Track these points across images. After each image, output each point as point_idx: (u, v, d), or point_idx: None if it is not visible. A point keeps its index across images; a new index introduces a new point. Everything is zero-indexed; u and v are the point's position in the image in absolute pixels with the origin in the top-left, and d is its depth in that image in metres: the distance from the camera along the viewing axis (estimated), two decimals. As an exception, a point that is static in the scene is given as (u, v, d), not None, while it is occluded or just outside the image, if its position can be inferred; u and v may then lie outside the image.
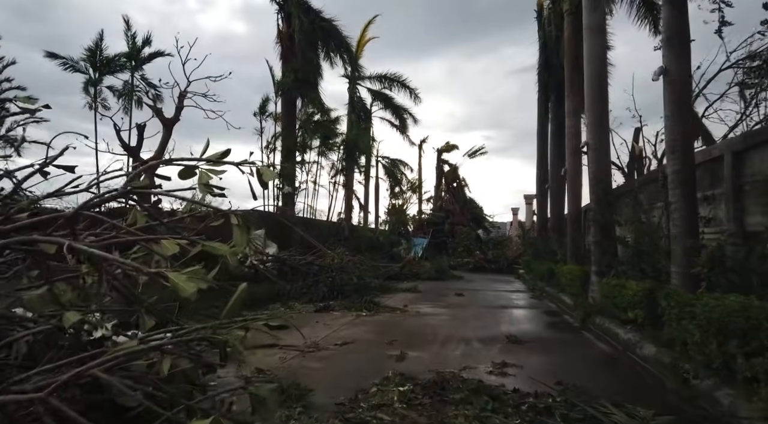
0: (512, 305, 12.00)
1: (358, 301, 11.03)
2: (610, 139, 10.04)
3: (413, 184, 36.56)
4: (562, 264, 13.32)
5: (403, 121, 26.46)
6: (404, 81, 24.07)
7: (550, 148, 17.12)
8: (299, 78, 16.24)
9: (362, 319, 9.30)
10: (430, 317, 9.73)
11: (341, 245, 19.48)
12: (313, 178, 19.18)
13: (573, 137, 13.16)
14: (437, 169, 45.93)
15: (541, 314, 10.52)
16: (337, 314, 9.84)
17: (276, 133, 17.48)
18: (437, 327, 8.44)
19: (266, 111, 17.29)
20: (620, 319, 7.55)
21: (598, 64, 9.53)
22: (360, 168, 23.29)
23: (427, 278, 18.96)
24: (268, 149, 17.29)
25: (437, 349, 6.75)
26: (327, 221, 21.47)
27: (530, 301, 12.89)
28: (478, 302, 12.23)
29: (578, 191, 13.26)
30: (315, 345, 6.80)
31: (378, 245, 23.44)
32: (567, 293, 11.53)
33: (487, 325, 8.80)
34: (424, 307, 11.11)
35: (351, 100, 23.91)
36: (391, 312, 10.18)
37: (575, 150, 13.18)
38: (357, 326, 8.45)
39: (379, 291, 13.96)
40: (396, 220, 31.76)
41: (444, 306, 11.37)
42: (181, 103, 11.19)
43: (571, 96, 13.22)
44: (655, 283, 6.62)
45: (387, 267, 18.66)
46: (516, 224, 42.43)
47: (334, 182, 20.58)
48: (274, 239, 17.31)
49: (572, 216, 13.20)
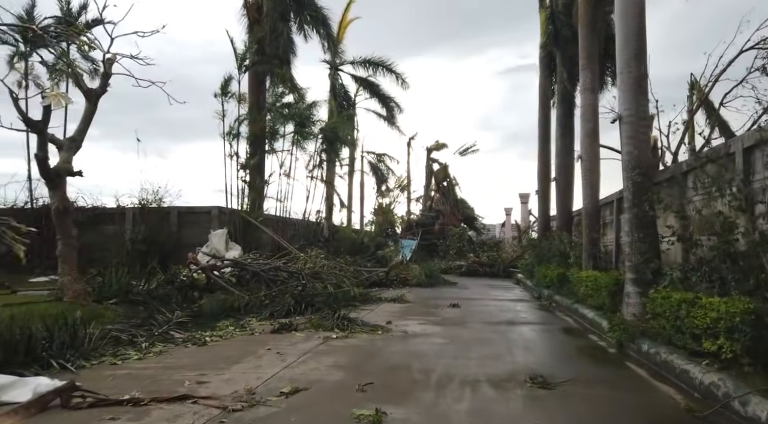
0: (520, 319, 9.81)
1: (330, 317, 8.78)
2: (648, 109, 7.88)
3: (401, 183, 34.37)
4: (576, 269, 11.18)
5: (391, 111, 24.20)
6: (390, 65, 21.85)
7: (556, 136, 15.03)
8: (268, 53, 13.97)
9: (331, 344, 7.06)
10: (420, 339, 7.51)
11: (320, 247, 17.28)
12: (286, 171, 16.92)
13: (590, 117, 11.05)
14: (426, 168, 43.85)
15: (559, 334, 8.34)
16: (299, 337, 7.60)
17: (239, 116, 15.16)
18: (430, 358, 6.22)
19: (228, 92, 15.00)
20: (687, 349, 5.39)
21: (634, 11, 7.40)
22: (341, 162, 21.04)
23: (417, 285, 16.75)
24: (230, 136, 14.98)
25: (431, 400, 4.53)
26: (304, 220, 19.19)
27: (539, 314, 10.72)
28: (478, 316, 10.05)
29: (596, 182, 11.16)
30: (249, 395, 4.54)
31: (362, 248, 21.23)
32: (587, 305, 9.38)
33: (496, 353, 6.59)
34: (413, 324, 8.90)
35: (332, 87, 21.68)
36: (371, 332, 7.95)
37: (591, 132, 11.07)
38: (321, 357, 6.21)
39: (360, 301, 11.74)
40: (383, 220, 29.52)
41: (437, 323, 9.15)
42: (107, 70, 8.84)
43: (587, 68, 11.09)
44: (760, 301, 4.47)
45: (371, 272, 16.44)
46: (510, 225, 40.43)
47: (312, 176, 18.35)
48: (240, 241, 15.02)
49: (589, 211, 11.07)
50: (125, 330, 7.31)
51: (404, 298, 12.40)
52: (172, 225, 14.80)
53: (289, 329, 8.06)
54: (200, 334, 7.65)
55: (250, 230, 14.77)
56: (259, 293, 10.57)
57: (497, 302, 12.87)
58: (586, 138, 11.00)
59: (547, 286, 13.86)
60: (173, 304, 9.59)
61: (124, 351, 6.41)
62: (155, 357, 6.20)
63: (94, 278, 9.78)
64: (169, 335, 7.48)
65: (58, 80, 13.25)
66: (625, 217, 7.55)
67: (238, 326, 8.44)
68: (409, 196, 41.22)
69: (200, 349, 6.74)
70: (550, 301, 12.34)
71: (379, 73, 22.05)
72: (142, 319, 8.20)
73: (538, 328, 8.96)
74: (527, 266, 19.42)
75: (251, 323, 8.86)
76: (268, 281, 11.64)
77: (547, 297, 12.86)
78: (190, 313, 9.21)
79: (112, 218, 14.64)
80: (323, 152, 18.19)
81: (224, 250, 13.97)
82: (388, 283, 16.30)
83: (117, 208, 14.65)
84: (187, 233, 14.72)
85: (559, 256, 13.16)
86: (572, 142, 14.93)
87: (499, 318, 9.88)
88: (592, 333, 8.10)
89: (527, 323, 9.38)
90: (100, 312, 8.20)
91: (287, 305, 9.89)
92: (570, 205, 14.58)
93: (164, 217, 14.68)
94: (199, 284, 11.03)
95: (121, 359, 6.00)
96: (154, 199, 14.48)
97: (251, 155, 15.03)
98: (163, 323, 8.03)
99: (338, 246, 19.28)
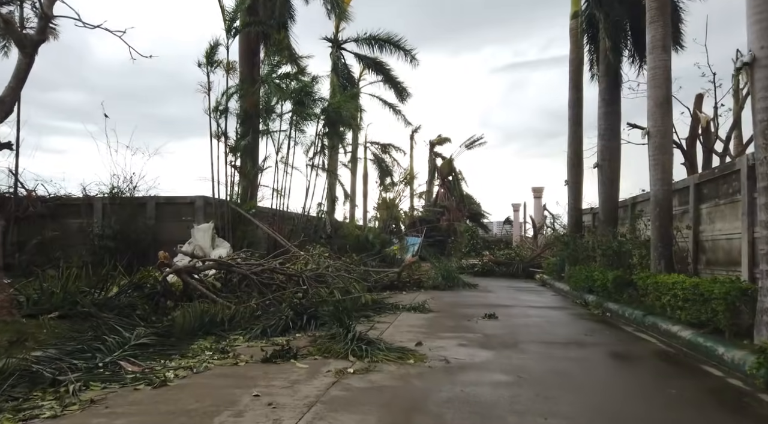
0: (583, 339, 7.62)
1: (341, 335, 6.59)
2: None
3: (405, 177, 32.18)
4: (644, 272, 9.00)
5: (399, 93, 21.85)
6: (399, 42, 19.52)
7: (599, 114, 12.85)
8: (261, 15, 11.73)
9: (348, 385, 4.87)
10: (473, 375, 5.33)
11: (322, 245, 15.12)
12: (284, 158, 14.68)
13: (660, 82, 8.89)
14: (430, 163, 41.75)
15: (659, 364, 6.16)
16: (301, 369, 5.42)
17: (228, 88, 12.89)
18: (505, 418, 4.03)
19: (215, 61, 12.71)
20: None
21: None
22: (345, 147, 18.81)
23: (433, 287, 14.58)
24: (216, 112, 12.72)
25: None
26: (304, 214, 16.98)
27: (601, 329, 8.53)
28: (527, 333, 7.89)
29: (668, 163, 8.98)
30: None
31: (367, 245, 19.04)
32: (675, 321, 7.22)
33: (596, 404, 4.43)
34: (451, 346, 6.72)
35: (335, 66, 19.45)
36: (399, 361, 5.76)
37: (664, 101, 8.91)
38: (337, 414, 4.02)
39: (373, 310, 9.60)
40: (387, 216, 27.34)
41: (482, 343, 6.97)
42: (47, 10, 6.59)
43: (658, 20, 8.89)
44: None
45: (381, 273, 14.28)
46: (518, 222, 38.25)
47: (312, 164, 16.12)
48: (229, 237, 12.82)
49: (660, 200, 8.90)
50: (53, 361, 5.14)
51: (425, 306, 10.19)
52: (149, 218, 12.58)
53: (287, 356, 5.88)
54: (163, 364, 5.48)
55: (242, 224, 12.56)
56: (250, 302, 8.40)
57: (536, 310, 10.72)
58: (657, 108, 8.83)
59: (589, 290, 11.75)
60: (136, 317, 7.41)
61: (38, 398, 4.25)
62: (79, 413, 4.01)
63: (32, 283, 7.58)
64: (117, 367, 5.31)
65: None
66: (762, 200, 5.37)
67: (219, 349, 6.26)
68: (412, 191, 39.12)
69: (155, 393, 4.56)
70: (602, 309, 10.19)
71: (385, 52, 19.82)
72: (87, 341, 6.02)
73: (618, 352, 6.79)
74: (554, 265, 17.31)
75: (237, 344, 6.72)
76: (262, 286, 9.47)
77: (595, 304, 10.72)
78: (158, 330, 7.05)
79: (78, 210, 12.42)
80: (325, 136, 15.98)
81: (210, 247, 11.77)
82: (401, 286, 14.15)
83: (83, 198, 12.42)
84: (166, 228, 12.51)
85: (612, 255, 10.97)
86: (619, 121, 12.79)
87: (557, 336, 7.72)
88: (703, 363, 5.93)
89: (598, 345, 7.20)
90: (28, 332, 6.02)
91: (285, 317, 7.72)
92: (616, 195, 12.44)
93: (139, 208, 12.47)
94: (175, 291, 8.83)
95: (22, 421, 3.81)
96: (128, 187, 12.26)
97: (242, 136, 12.80)
98: (115, 346, 5.85)
99: (342, 244, 17.11)
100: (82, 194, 12.37)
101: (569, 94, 16.48)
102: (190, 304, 8.36)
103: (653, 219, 8.99)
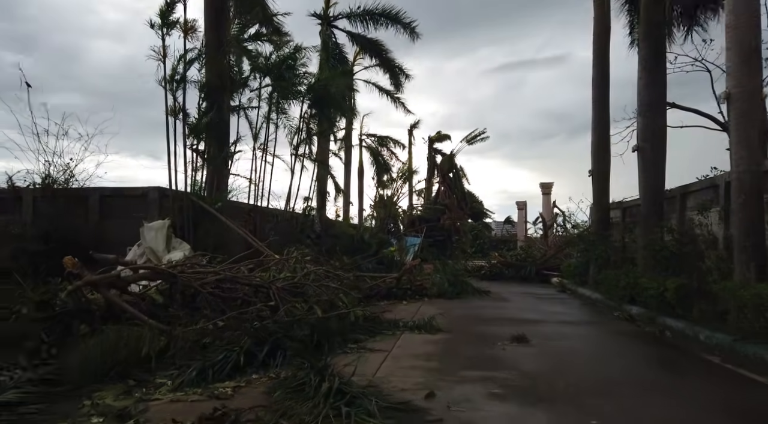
0: (666, 379, 5.40)
1: (310, 384, 4.34)
2: None
3: (404, 172, 30.00)
4: (728, 281, 6.75)
5: (397, 79, 19.59)
6: (397, 15, 17.25)
7: (639, 86, 10.61)
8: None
9: None
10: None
11: (308, 247, 12.92)
12: (262, 145, 12.41)
13: (747, 28, 6.65)
14: (429, 160, 39.54)
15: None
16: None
17: (186, 50, 10.52)
18: None
19: (171, 21, 10.36)
20: None
21: None
22: (336, 135, 16.55)
23: (438, 295, 12.37)
24: (173, 82, 10.41)
25: None
26: (288, 211, 14.73)
27: (678, 360, 6.32)
28: (581, 367, 5.68)
29: (755, 134, 6.76)
30: None
31: (362, 246, 16.81)
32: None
33: None
34: (477, 396, 4.48)
35: (324, 46, 17.20)
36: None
37: (752, 53, 6.68)
38: None
39: (364, 331, 7.38)
40: (384, 214, 25.13)
41: (523, 390, 4.72)
42: None
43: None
44: None
45: (377, 278, 12.05)
46: (522, 221, 36.07)
47: (296, 153, 13.86)
48: (189, 238, 10.57)
49: (746, 186, 6.67)
50: None
51: (433, 324, 7.94)
52: (93, 214, 10.32)
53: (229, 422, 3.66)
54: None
55: (206, 221, 10.30)
56: (194, 326, 6.15)
57: (572, 328, 8.55)
58: (742, 65, 6.60)
59: (632, 300, 9.59)
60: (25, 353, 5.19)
61: None
62: None
63: None
64: None
65: None
66: None
67: (118, 413, 4.01)
68: (410, 188, 36.98)
69: None
70: (657, 327, 7.97)
71: (382, 28, 17.56)
72: None
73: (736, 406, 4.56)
74: (575, 268, 15.13)
75: (158, 395, 4.50)
76: (219, 301, 7.23)
77: (645, 319, 8.52)
78: (47, 373, 4.86)
79: (4, 205, 10.15)
80: (312, 120, 13.75)
81: (163, 250, 9.54)
82: (400, 293, 11.92)
83: (9, 189, 10.12)
84: (114, 226, 10.22)
85: (668, 256, 8.71)
86: (665, 93, 10.56)
87: (623, 372, 5.50)
88: None
89: (690, 390, 4.98)
90: None
91: (238, 348, 5.48)
92: (661, 184, 10.24)
93: (80, 202, 10.20)
94: (96, 310, 6.57)
95: None
96: (66, 178, 9.98)
97: (204, 112, 10.50)
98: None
99: (333, 244, 14.87)
100: (8, 186, 10.07)
101: (593, 73, 14.34)
102: (114, 328, 6.14)
103: (736, 210, 6.77)
